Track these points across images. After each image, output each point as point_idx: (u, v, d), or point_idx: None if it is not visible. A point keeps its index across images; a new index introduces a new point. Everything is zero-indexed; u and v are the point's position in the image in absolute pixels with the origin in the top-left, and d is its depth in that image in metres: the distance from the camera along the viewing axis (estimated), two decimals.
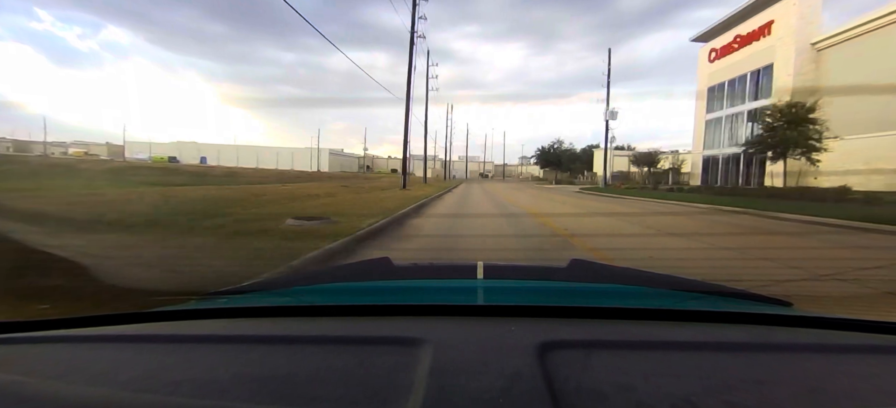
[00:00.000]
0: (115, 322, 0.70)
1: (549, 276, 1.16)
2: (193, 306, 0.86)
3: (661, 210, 11.72)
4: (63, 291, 2.32)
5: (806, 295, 2.77)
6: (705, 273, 4.22)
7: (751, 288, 0.97)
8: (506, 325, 0.64)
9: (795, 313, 0.79)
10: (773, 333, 0.66)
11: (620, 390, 0.47)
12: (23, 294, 2.28)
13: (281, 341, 0.61)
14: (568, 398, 0.45)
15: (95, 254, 3.43)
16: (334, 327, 0.67)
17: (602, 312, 0.73)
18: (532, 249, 5.14)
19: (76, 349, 0.61)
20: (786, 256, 5.26)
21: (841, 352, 0.60)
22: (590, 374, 0.51)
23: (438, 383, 0.47)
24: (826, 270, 3.95)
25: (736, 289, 0.96)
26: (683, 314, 0.74)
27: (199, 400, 0.46)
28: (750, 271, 4.14)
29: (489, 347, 0.56)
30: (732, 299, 0.91)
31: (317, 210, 7.21)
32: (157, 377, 0.51)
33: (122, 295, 2.29)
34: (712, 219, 9.38)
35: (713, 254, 5.22)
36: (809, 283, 3.04)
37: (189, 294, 1.02)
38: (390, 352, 0.56)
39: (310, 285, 1.04)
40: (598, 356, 0.55)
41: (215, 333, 0.66)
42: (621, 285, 1.02)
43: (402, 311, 0.73)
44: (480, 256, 3.18)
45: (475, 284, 1.05)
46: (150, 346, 0.62)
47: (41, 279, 2.53)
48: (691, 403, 0.45)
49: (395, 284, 1.05)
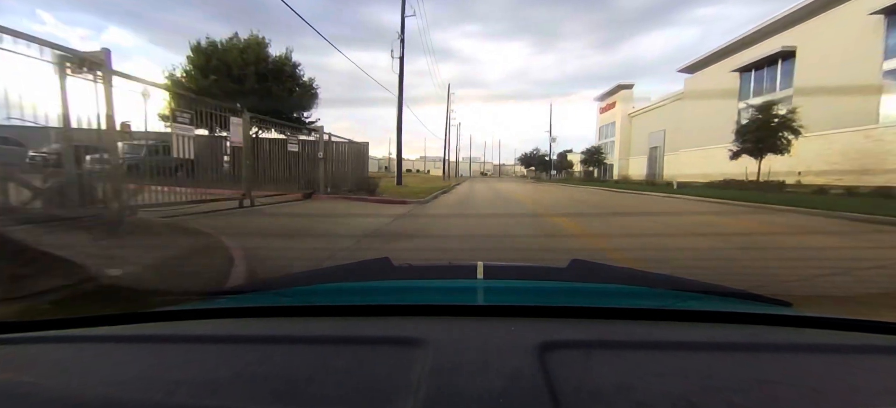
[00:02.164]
0: (115, 322, 0.70)
1: (548, 276, 1.16)
2: (193, 306, 0.86)
3: (555, 187, 24.58)
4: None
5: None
6: (534, 202, 10.60)
7: (750, 288, 0.97)
8: (506, 325, 0.64)
9: (795, 313, 0.79)
10: (773, 333, 0.66)
11: (620, 390, 0.47)
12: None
13: (281, 341, 0.61)
14: (568, 398, 0.45)
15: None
16: (334, 326, 0.67)
17: (602, 312, 0.73)
18: (498, 197, 12.99)
19: (76, 349, 0.61)
20: (595, 200, 13.28)
21: (841, 352, 0.60)
22: (590, 374, 0.51)
23: (438, 383, 0.47)
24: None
25: (736, 289, 0.96)
26: (683, 314, 0.74)
27: (199, 400, 0.46)
28: (565, 202, 11.42)
29: (489, 347, 0.56)
30: (732, 299, 0.91)
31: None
32: (157, 377, 0.51)
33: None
34: (581, 189, 20.74)
35: (552, 197, 13.67)
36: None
37: (189, 294, 1.02)
38: (390, 352, 0.56)
39: (310, 285, 1.04)
40: (598, 356, 0.55)
41: (215, 333, 0.66)
42: (621, 285, 1.02)
43: (402, 311, 0.73)
44: (480, 205, 8.18)
45: (475, 284, 1.05)
46: (150, 346, 0.62)
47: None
48: (691, 403, 0.45)
49: (394, 284, 1.05)
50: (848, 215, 7.83)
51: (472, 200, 11.90)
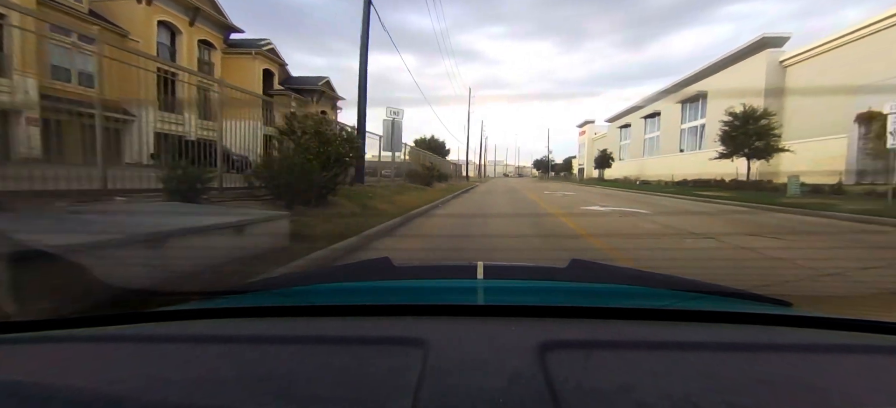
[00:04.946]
0: (115, 322, 0.70)
1: (549, 276, 1.15)
2: (193, 306, 0.86)
3: (543, 183, 35.32)
4: None
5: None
6: (522, 187, 25.46)
7: (751, 288, 0.97)
8: (506, 325, 0.64)
9: (795, 313, 0.79)
10: (773, 333, 0.66)
11: (620, 390, 0.47)
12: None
13: (281, 341, 0.61)
14: (568, 398, 0.45)
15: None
16: (334, 326, 0.67)
17: (602, 312, 0.72)
18: (508, 189, 21.15)
19: (76, 349, 0.61)
20: (545, 185, 31.61)
21: (841, 352, 0.60)
22: (590, 374, 0.51)
23: (438, 383, 0.47)
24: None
25: (736, 289, 0.96)
26: (683, 314, 0.74)
27: (199, 400, 0.46)
28: (532, 186, 27.21)
29: (489, 347, 0.56)
30: (732, 299, 0.91)
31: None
32: (157, 377, 0.51)
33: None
34: (554, 183, 35.58)
35: (530, 185, 30.54)
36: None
37: (189, 294, 1.01)
38: (390, 352, 0.56)
39: (310, 285, 1.04)
40: (598, 356, 0.55)
41: (215, 333, 0.66)
42: (621, 285, 1.02)
43: (402, 311, 0.73)
44: (499, 197, 14.60)
45: (475, 283, 1.05)
46: (150, 346, 0.62)
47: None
48: (691, 403, 0.45)
49: (394, 284, 1.05)
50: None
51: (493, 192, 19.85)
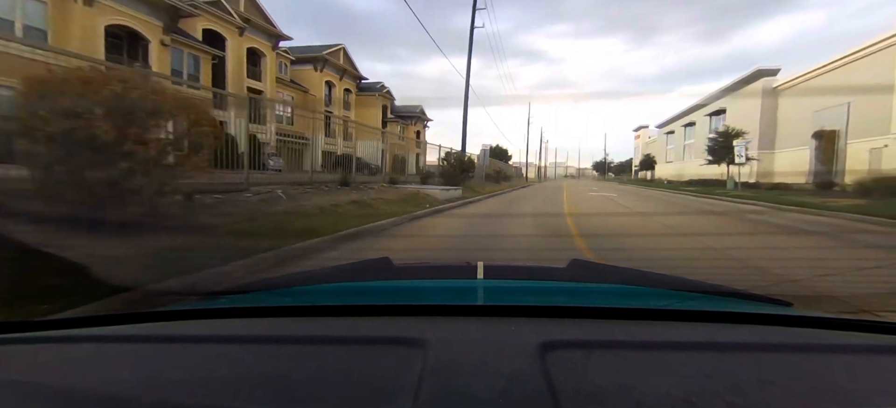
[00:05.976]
0: (115, 322, 0.70)
1: (549, 276, 1.15)
2: (193, 306, 0.86)
3: (598, 183, 43.70)
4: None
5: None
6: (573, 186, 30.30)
7: (751, 288, 0.97)
8: (506, 325, 0.64)
9: (795, 313, 0.79)
10: (773, 333, 0.66)
11: (620, 390, 0.47)
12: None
13: (281, 341, 0.61)
14: (568, 398, 0.45)
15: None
16: (334, 327, 0.67)
17: (602, 312, 0.72)
18: (555, 188, 25.37)
19: (76, 349, 0.61)
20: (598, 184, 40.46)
21: (841, 352, 0.60)
22: (590, 374, 0.51)
23: (438, 383, 0.47)
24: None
25: (736, 289, 0.96)
26: (683, 314, 0.74)
27: (199, 400, 0.46)
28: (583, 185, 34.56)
29: (489, 347, 0.56)
30: (732, 299, 0.91)
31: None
32: (157, 377, 0.51)
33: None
34: (607, 184, 41.63)
35: (585, 185, 36.74)
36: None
37: (189, 294, 1.01)
38: (390, 352, 0.56)
39: (309, 285, 1.04)
40: (598, 356, 0.55)
41: (215, 333, 0.66)
42: (621, 285, 1.02)
43: (402, 311, 0.73)
44: (540, 192, 19.85)
45: (475, 284, 1.05)
46: (150, 346, 0.62)
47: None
48: (691, 403, 0.45)
49: (394, 284, 1.05)
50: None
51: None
